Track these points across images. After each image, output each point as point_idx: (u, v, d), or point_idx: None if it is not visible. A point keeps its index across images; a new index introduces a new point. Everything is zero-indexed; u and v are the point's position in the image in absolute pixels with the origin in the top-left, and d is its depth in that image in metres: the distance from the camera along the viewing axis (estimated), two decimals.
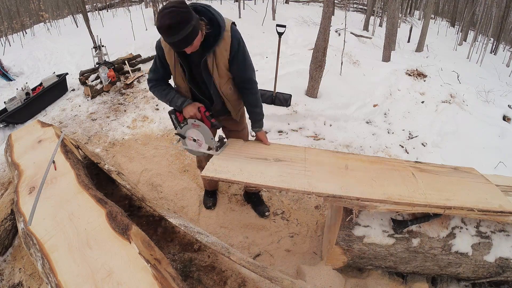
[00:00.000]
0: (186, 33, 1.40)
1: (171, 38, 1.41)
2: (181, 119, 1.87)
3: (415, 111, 4.05)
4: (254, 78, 1.82)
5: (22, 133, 2.65)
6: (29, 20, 9.47)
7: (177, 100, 1.81)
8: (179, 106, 1.81)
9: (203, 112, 1.81)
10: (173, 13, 1.37)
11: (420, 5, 16.60)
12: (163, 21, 1.38)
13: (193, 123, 1.83)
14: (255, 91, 1.85)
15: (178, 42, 1.43)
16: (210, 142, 1.85)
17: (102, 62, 4.70)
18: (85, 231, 1.56)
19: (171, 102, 1.82)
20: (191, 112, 1.79)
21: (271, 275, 1.60)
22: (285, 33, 4.30)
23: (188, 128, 1.87)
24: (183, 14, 1.38)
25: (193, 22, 1.42)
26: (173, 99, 1.81)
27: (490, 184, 1.74)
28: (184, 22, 1.38)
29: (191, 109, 1.79)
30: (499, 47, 11.46)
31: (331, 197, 1.53)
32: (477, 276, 1.75)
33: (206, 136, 1.85)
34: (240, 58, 1.69)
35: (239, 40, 1.65)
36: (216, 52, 1.62)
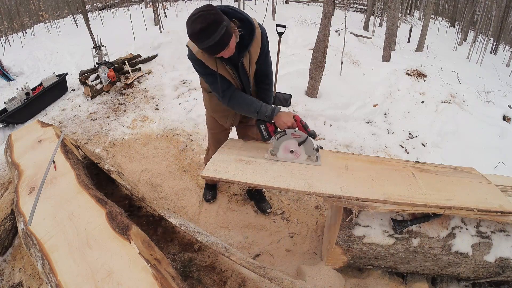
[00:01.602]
0: (220, 35, 1.36)
1: (205, 42, 1.37)
2: (271, 129, 1.75)
3: (415, 111, 4.05)
4: (272, 73, 1.83)
5: (22, 133, 2.65)
6: (29, 20, 9.48)
7: (266, 109, 1.68)
8: (270, 115, 1.69)
9: (299, 121, 1.70)
10: (202, 17, 1.33)
11: (420, 5, 16.60)
12: (194, 26, 1.34)
13: (292, 134, 1.69)
14: (270, 88, 1.86)
15: (214, 46, 1.38)
16: (312, 152, 1.74)
17: (102, 62, 4.70)
18: (85, 231, 1.56)
19: (260, 112, 1.69)
20: (288, 122, 1.68)
21: (271, 275, 1.60)
22: (285, 33, 4.30)
23: (285, 139, 1.72)
24: (213, 16, 1.35)
25: (224, 23, 1.38)
26: (261, 108, 1.68)
27: (490, 184, 1.74)
28: (215, 24, 1.34)
29: (288, 118, 1.68)
30: (499, 47, 11.47)
31: (331, 197, 1.53)
32: (477, 276, 1.75)
33: (308, 147, 1.72)
34: (266, 54, 1.70)
35: (266, 34, 1.66)
36: (250, 51, 1.61)
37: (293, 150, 1.75)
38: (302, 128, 1.70)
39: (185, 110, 3.86)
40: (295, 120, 1.70)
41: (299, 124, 1.70)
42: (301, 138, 1.70)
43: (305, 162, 1.76)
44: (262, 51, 1.66)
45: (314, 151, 1.74)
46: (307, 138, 1.70)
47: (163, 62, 5.13)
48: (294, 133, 1.70)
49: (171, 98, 4.17)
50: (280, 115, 1.70)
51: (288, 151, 1.76)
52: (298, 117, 1.71)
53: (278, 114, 1.70)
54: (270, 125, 1.76)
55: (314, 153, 1.75)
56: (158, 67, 5.07)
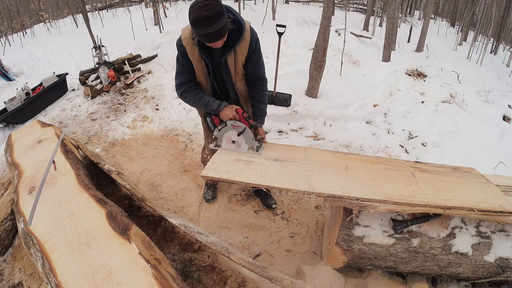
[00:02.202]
0: (221, 25, 1.46)
1: (207, 29, 1.44)
2: (217, 122, 1.88)
3: (415, 111, 4.04)
4: (265, 76, 1.93)
5: (22, 133, 2.65)
6: (29, 20, 9.47)
7: (213, 103, 1.82)
8: (215, 109, 1.82)
9: (241, 113, 1.83)
10: (209, 5, 1.41)
11: (420, 5, 16.60)
12: (200, 12, 1.41)
13: (232, 125, 1.83)
14: (264, 88, 1.94)
15: (214, 34, 1.47)
16: (252, 143, 1.85)
17: (102, 62, 4.70)
18: (85, 231, 1.56)
19: (207, 106, 1.82)
20: (229, 114, 1.81)
21: (271, 275, 1.60)
22: (285, 33, 4.31)
23: (226, 130, 1.86)
24: (219, 7, 1.44)
25: (225, 16, 1.49)
26: (208, 103, 1.81)
27: (490, 184, 1.74)
28: (220, 15, 1.44)
29: (229, 111, 1.81)
30: (499, 47, 11.46)
31: (331, 197, 1.53)
32: (477, 276, 1.75)
33: (247, 137, 1.84)
34: (256, 57, 1.79)
35: (257, 40, 1.75)
36: (236, 50, 1.70)
37: (234, 140, 1.88)
38: (244, 119, 1.82)
39: (185, 110, 3.86)
40: (237, 112, 1.83)
41: (240, 116, 1.83)
42: (239, 129, 1.83)
43: (247, 152, 1.87)
44: (251, 54, 1.75)
45: (254, 141, 1.85)
46: (245, 128, 1.82)
47: (163, 62, 5.13)
48: (233, 124, 1.83)
49: (171, 98, 4.17)
50: (224, 108, 1.82)
51: (230, 141, 1.90)
52: (240, 109, 1.85)
53: (223, 108, 1.83)
54: (215, 118, 1.88)
55: (253, 143, 1.85)
56: (158, 67, 5.07)
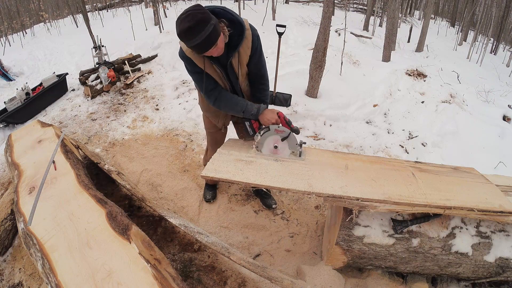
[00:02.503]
0: (207, 34, 1.39)
1: (193, 41, 1.40)
2: (256, 126, 1.82)
3: (415, 111, 4.04)
4: (267, 75, 1.88)
5: (22, 133, 2.65)
6: (29, 20, 9.47)
7: (252, 107, 1.75)
8: (255, 114, 1.75)
9: (282, 117, 1.76)
10: (190, 16, 1.37)
11: (420, 5, 16.60)
12: (182, 25, 1.38)
13: (276, 129, 1.76)
14: (266, 88, 1.90)
15: (201, 44, 1.41)
16: (295, 148, 1.80)
17: (102, 62, 4.70)
18: (85, 231, 1.56)
19: (246, 111, 1.75)
20: (272, 119, 1.75)
21: (271, 275, 1.60)
22: (285, 33, 4.31)
23: (269, 135, 1.78)
24: (201, 15, 1.38)
25: (212, 21, 1.41)
26: (247, 108, 1.74)
27: (490, 184, 1.74)
28: (202, 23, 1.38)
29: (272, 115, 1.75)
30: (499, 47, 11.46)
31: (331, 197, 1.53)
32: (477, 276, 1.75)
33: (291, 142, 1.79)
34: (258, 55, 1.73)
35: (258, 36, 1.68)
36: (240, 51, 1.65)
37: (276, 145, 1.81)
38: (286, 124, 1.76)
39: (185, 110, 3.86)
40: (279, 116, 1.76)
41: (282, 121, 1.76)
42: (284, 134, 1.76)
43: (289, 157, 1.81)
44: (253, 52, 1.69)
45: (297, 147, 1.80)
46: (290, 133, 1.76)
47: (163, 62, 5.13)
48: (277, 129, 1.76)
49: (171, 98, 4.17)
50: (265, 113, 1.76)
51: (272, 147, 1.82)
52: (281, 114, 1.77)
53: (263, 112, 1.77)
54: (255, 122, 1.82)
55: (297, 148, 1.80)
56: (158, 67, 5.07)
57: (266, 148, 1.83)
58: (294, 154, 1.82)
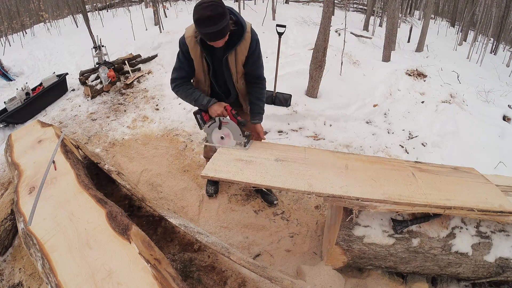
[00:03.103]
0: (223, 26, 1.53)
1: (209, 28, 1.52)
2: (206, 118, 1.94)
3: (415, 111, 4.05)
4: (263, 75, 1.99)
5: (22, 133, 2.65)
6: (29, 20, 9.47)
7: (203, 99, 1.87)
8: (205, 105, 1.88)
9: (229, 110, 1.88)
10: (213, 6, 1.49)
11: (420, 5, 16.60)
12: (204, 12, 1.48)
13: (221, 121, 1.88)
14: (263, 87, 2.01)
15: (215, 33, 1.54)
16: (239, 138, 1.92)
17: (102, 62, 4.70)
18: (85, 231, 1.56)
19: (196, 101, 1.88)
20: (218, 110, 1.86)
21: (271, 275, 1.60)
22: (285, 33, 4.30)
23: (215, 126, 1.91)
24: (222, 8, 1.52)
25: (227, 17, 1.56)
26: (198, 98, 1.87)
27: (490, 184, 1.74)
28: (222, 15, 1.51)
29: (218, 107, 1.87)
30: (499, 47, 11.46)
31: (331, 197, 1.53)
32: (477, 276, 1.75)
33: (235, 133, 1.90)
34: (255, 57, 1.86)
35: (257, 41, 1.82)
36: (237, 50, 1.77)
37: (223, 136, 1.94)
38: (232, 116, 1.87)
39: (185, 110, 3.86)
40: (226, 109, 1.88)
41: (229, 113, 1.89)
42: (228, 125, 1.89)
43: (234, 147, 1.93)
44: (250, 54, 1.82)
45: (242, 137, 1.91)
46: (232, 124, 1.88)
47: (163, 62, 5.13)
48: (222, 121, 1.88)
49: (171, 98, 4.17)
50: (213, 105, 1.88)
51: (219, 137, 1.96)
52: (229, 107, 1.90)
53: (212, 104, 1.89)
54: (205, 115, 1.94)
55: (241, 139, 1.91)
56: (158, 67, 5.07)
57: (214, 138, 1.97)
58: (239, 144, 1.93)
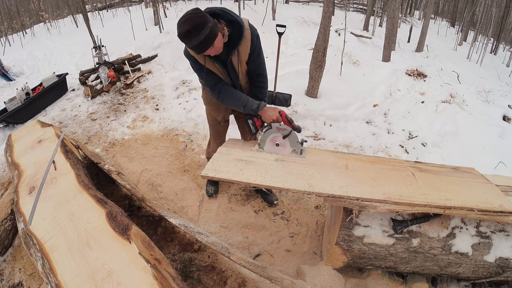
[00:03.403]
0: (204, 36, 1.50)
1: (191, 42, 1.52)
2: (258, 124, 1.84)
3: (415, 111, 4.04)
4: (265, 73, 1.95)
5: (22, 133, 2.65)
6: (29, 20, 9.47)
7: (252, 103, 1.79)
8: (255, 109, 1.80)
9: (284, 116, 1.80)
10: (189, 19, 1.49)
11: (420, 5, 16.60)
12: (182, 28, 1.50)
13: (278, 127, 1.79)
14: (265, 86, 1.97)
15: (199, 45, 1.52)
16: (296, 146, 1.83)
17: (102, 62, 4.70)
18: (85, 231, 1.56)
19: (246, 106, 1.80)
20: (273, 116, 1.78)
21: (271, 275, 1.60)
22: (285, 33, 4.30)
23: (271, 133, 1.81)
24: (198, 18, 1.49)
25: (209, 24, 1.51)
26: (247, 103, 1.79)
27: (490, 184, 1.74)
28: (201, 26, 1.49)
29: (273, 113, 1.79)
30: (499, 47, 11.46)
31: (331, 197, 1.53)
32: (477, 276, 1.75)
33: (293, 140, 1.82)
34: (257, 54, 1.80)
35: (257, 36, 1.76)
36: (239, 50, 1.73)
37: (278, 143, 1.84)
38: (287, 122, 1.79)
39: (185, 110, 3.86)
40: (281, 115, 1.80)
41: (284, 119, 1.80)
42: (285, 132, 1.80)
43: (290, 155, 1.84)
44: (252, 51, 1.76)
45: (299, 144, 1.83)
46: (291, 131, 1.79)
47: (163, 62, 5.13)
48: (279, 127, 1.79)
49: (171, 98, 4.17)
50: (266, 110, 1.80)
51: (274, 144, 1.85)
52: (283, 112, 1.81)
53: (264, 109, 1.81)
54: (257, 120, 1.85)
55: (298, 146, 1.83)
56: (158, 67, 5.07)
57: (268, 145, 1.86)
58: (295, 152, 1.85)
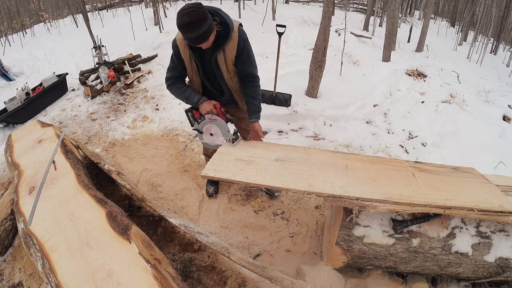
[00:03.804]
0: (203, 30, 1.59)
1: (190, 34, 1.59)
2: (197, 116, 2.01)
3: (415, 111, 4.04)
4: (255, 73, 2.01)
5: (22, 133, 2.65)
6: (29, 20, 9.47)
7: (194, 97, 1.96)
8: (195, 102, 1.96)
9: (218, 108, 1.95)
10: (192, 12, 1.56)
11: (420, 5, 16.59)
12: (184, 19, 1.56)
13: (210, 118, 1.96)
14: (256, 84, 2.03)
15: (196, 38, 1.61)
16: (227, 135, 2.00)
17: (102, 62, 4.70)
18: (85, 231, 1.56)
19: (188, 99, 1.97)
20: (207, 108, 1.94)
21: (271, 275, 1.60)
22: (285, 33, 4.30)
23: (205, 123, 2.00)
24: (201, 13, 1.58)
25: (208, 21, 1.61)
26: (189, 96, 1.96)
27: (490, 184, 1.74)
28: (202, 21, 1.58)
29: (208, 105, 1.95)
30: (499, 47, 11.45)
31: (331, 197, 1.53)
32: (477, 276, 1.75)
33: (223, 130, 1.99)
34: (245, 56, 1.89)
35: (245, 40, 1.85)
36: (225, 50, 1.81)
37: (212, 133, 2.03)
38: (221, 114, 1.94)
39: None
40: (215, 107, 1.95)
41: (218, 111, 1.95)
42: (217, 122, 1.97)
43: (223, 143, 2.01)
44: (239, 53, 1.86)
45: (229, 134, 1.99)
46: (221, 121, 1.95)
47: (163, 62, 5.12)
48: (211, 118, 1.97)
49: (171, 98, 4.16)
50: (203, 103, 1.96)
51: (208, 134, 2.04)
52: (218, 104, 1.97)
53: (202, 102, 1.96)
54: (196, 113, 2.02)
55: (229, 136, 2.00)
56: (158, 67, 5.07)
57: (204, 135, 2.06)
58: (228, 141, 2.02)
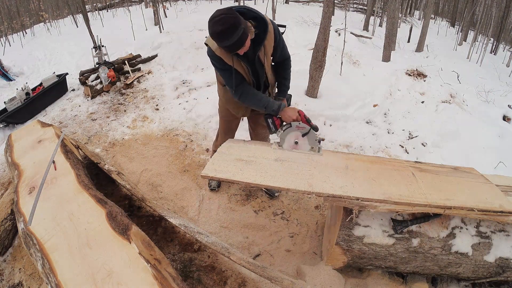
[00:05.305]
0: (237, 37, 1.51)
1: (225, 42, 1.52)
2: (277, 123, 1.93)
3: (415, 111, 4.04)
4: (289, 54, 2.02)
5: (22, 133, 2.65)
6: (29, 20, 9.46)
7: (273, 104, 1.87)
8: (276, 110, 1.88)
9: (303, 115, 1.88)
10: (223, 20, 1.48)
11: (420, 5, 16.59)
12: (216, 28, 1.49)
13: (297, 126, 1.87)
14: (290, 66, 2.06)
15: (231, 46, 1.54)
16: (314, 144, 1.91)
17: (102, 62, 4.70)
18: (85, 231, 1.56)
19: (267, 107, 1.87)
20: (293, 116, 1.86)
21: (271, 275, 1.60)
22: (285, 33, 4.30)
23: (290, 131, 1.90)
24: (233, 19, 1.49)
25: (242, 26, 1.52)
26: (268, 104, 1.86)
27: (490, 184, 1.74)
28: (234, 27, 1.49)
29: (293, 112, 1.87)
30: (499, 47, 11.45)
31: (331, 197, 1.53)
32: (477, 276, 1.75)
33: (311, 138, 1.90)
34: (281, 43, 1.87)
35: (277, 28, 1.82)
36: (265, 44, 1.76)
37: (297, 141, 1.93)
38: (306, 121, 1.87)
39: (185, 110, 3.86)
40: (299, 114, 1.88)
41: (303, 118, 1.89)
42: (304, 130, 1.88)
43: (308, 152, 1.92)
44: (277, 43, 1.83)
45: (316, 142, 1.91)
46: (310, 130, 1.86)
47: (163, 62, 5.13)
48: (298, 126, 1.87)
49: (171, 98, 4.17)
50: (286, 110, 1.88)
51: (292, 142, 1.94)
52: (302, 112, 1.89)
53: (284, 109, 1.89)
54: (277, 119, 1.93)
55: (316, 144, 1.91)
56: (158, 67, 5.07)
57: (287, 143, 1.94)
58: (313, 149, 1.92)
